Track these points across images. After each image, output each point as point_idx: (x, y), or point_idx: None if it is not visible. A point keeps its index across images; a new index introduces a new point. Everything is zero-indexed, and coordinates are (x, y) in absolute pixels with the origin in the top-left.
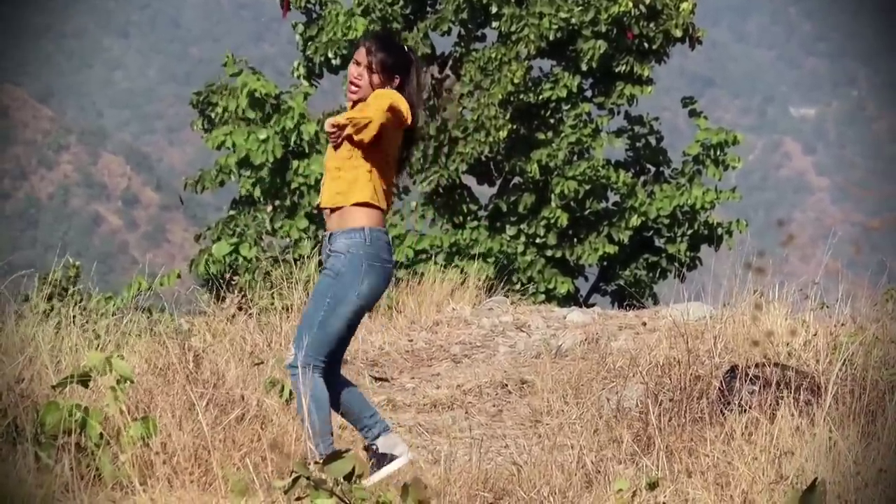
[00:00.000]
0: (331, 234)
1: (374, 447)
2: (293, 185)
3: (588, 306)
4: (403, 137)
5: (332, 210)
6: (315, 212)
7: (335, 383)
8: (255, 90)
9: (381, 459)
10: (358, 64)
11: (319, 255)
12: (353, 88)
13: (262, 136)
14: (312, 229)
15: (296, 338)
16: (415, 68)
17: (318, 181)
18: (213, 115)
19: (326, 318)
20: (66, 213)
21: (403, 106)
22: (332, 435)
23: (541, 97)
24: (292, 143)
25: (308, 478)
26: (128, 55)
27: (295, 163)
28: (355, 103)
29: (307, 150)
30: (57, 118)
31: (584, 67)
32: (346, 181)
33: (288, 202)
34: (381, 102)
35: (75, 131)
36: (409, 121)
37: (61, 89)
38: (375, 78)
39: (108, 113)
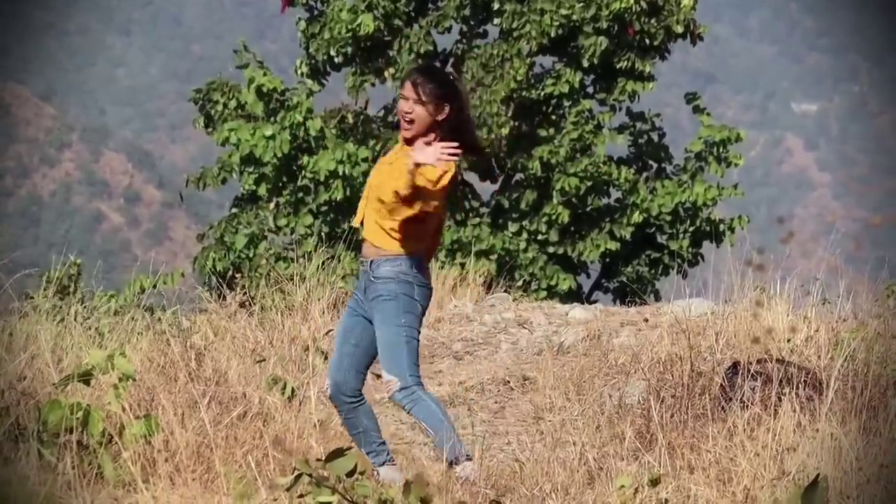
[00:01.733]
0: (371, 262)
1: (375, 472)
2: (300, 182)
3: (590, 303)
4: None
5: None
6: (324, 208)
7: (361, 398)
8: (263, 85)
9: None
10: (406, 99)
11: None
12: (406, 126)
13: (269, 133)
14: (317, 225)
15: (386, 368)
16: (463, 96)
17: (327, 178)
18: (213, 112)
19: (409, 337)
20: (68, 210)
21: (446, 176)
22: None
23: (543, 94)
24: (301, 138)
25: (310, 475)
26: (130, 53)
27: (305, 158)
28: (409, 141)
29: (314, 146)
30: (59, 116)
31: (585, 64)
32: (392, 229)
33: (292, 199)
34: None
35: (77, 129)
36: (450, 181)
37: (63, 87)
38: (427, 109)
39: (110, 110)
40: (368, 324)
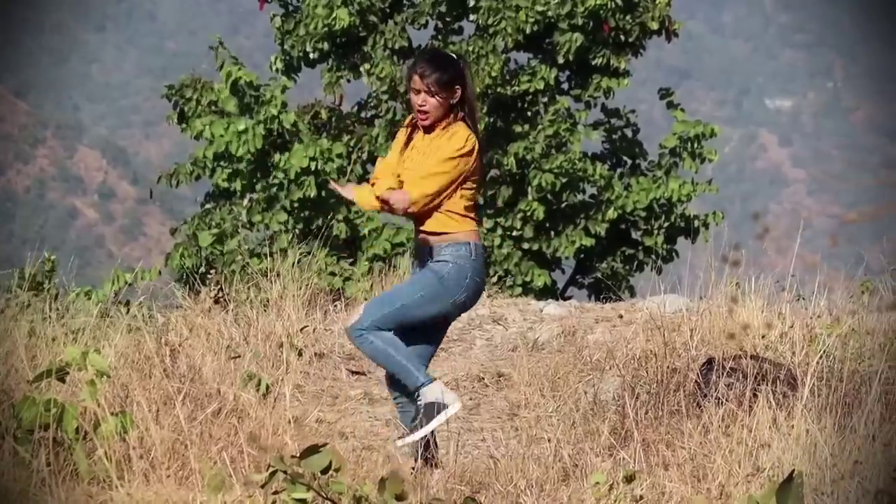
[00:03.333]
0: (432, 248)
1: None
2: (272, 179)
3: (565, 299)
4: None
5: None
6: (297, 205)
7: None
8: (240, 78)
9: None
10: (417, 92)
11: (412, 258)
12: (423, 117)
13: (241, 128)
14: (291, 222)
15: (372, 304)
16: (467, 72)
17: (298, 175)
18: (186, 108)
19: (412, 304)
20: (43, 206)
21: (462, 160)
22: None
23: (518, 90)
24: (275, 132)
25: (285, 472)
26: (104, 49)
27: (276, 156)
28: (427, 129)
29: (288, 140)
30: (33, 112)
31: (560, 60)
32: (443, 215)
33: (266, 195)
34: (424, 187)
35: (51, 125)
36: (475, 154)
37: (38, 83)
38: (437, 98)
39: (85, 107)
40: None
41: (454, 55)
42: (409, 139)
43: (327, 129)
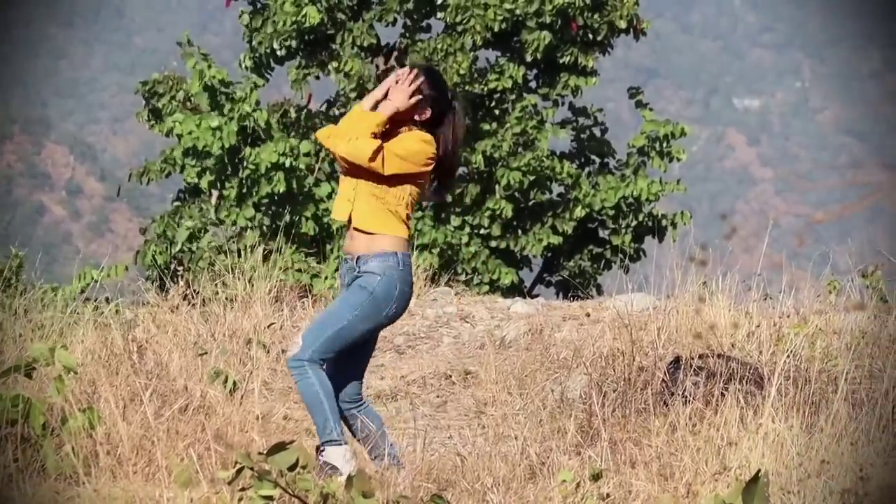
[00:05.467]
0: (358, 257)
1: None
2: (242, 174)
3: (532, 297)
4: (435, 169)
5: (363, 231)
6: (265, 201)
7: (361, 405)
8: (213, 76)
9: None
10: (404, 77)
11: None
12: (391, 84)
13: (214, 124)
14: (258, 218)
15: (309, 331)
16: (455, 116)
17: (268, 170)
18: (159, 104)
19: (348, 326)
20: (10, 203)
21: (420, 151)
22: (340, 423)
23: (486, 88)
24: (249, 129)
25: (252, 469)
26: (72, 45)
27: (247, 150)
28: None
29: (262, 137)
30: (0, 108)
31: (528, 58)
32: (382, 210)
33: (236, 191)
34: (401, 148)
35: (19, 121)
36: (428, 165)
37: (4, 79)
38: (412, 99)
39: (52, 102)
40: None
41: (453, 94)
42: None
43: (296, 127)
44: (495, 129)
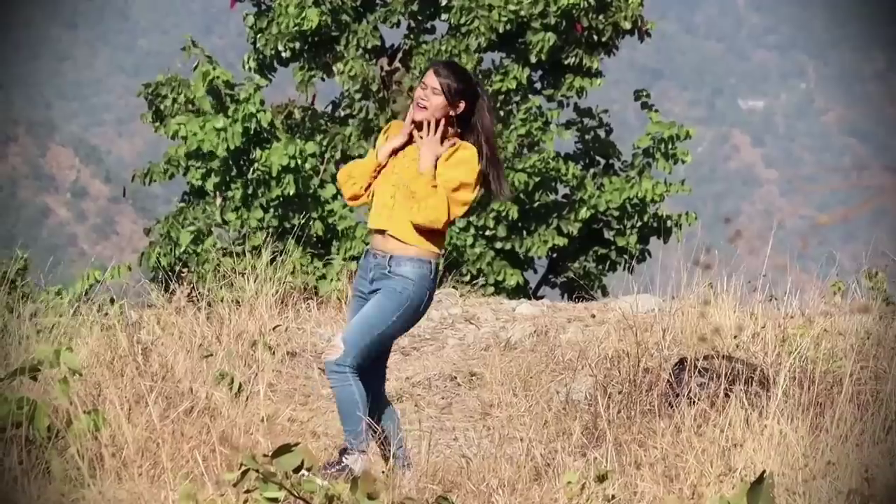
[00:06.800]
0: (391, 256)
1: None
2: (251, 176)
3: (537, 298)
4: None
5: (399, 239)
6: (274, 203)
7: (382, 403)
8: (217, 77)
9: None
10: (424, 87)
11: (357, 272)
12: (420, 110)
13: (219, 125)
14: (267, 219)
15: (350, 335)
16: (483, 100)
17: (279, 173)
18: (162, 106)
19: (388, 331)
20: (15, 205)
21: (473, 177)
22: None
23: (490, 89)
24: (252, 130)
25: (257, 471)
26: (76, 47)
27: (258, 152)
28: (419, 125)
29: (267, 138)
30: (4, 110)
31: (533, 60)
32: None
33: (242, 193)
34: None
35: (23, 123)
36: (479, 180)
37: (8, 81)
38: (441, 100)
39: (57, 104)
40: None
41: (476, 81)
42: (402, 147)
43: (300, 128)
44: (500, 130)
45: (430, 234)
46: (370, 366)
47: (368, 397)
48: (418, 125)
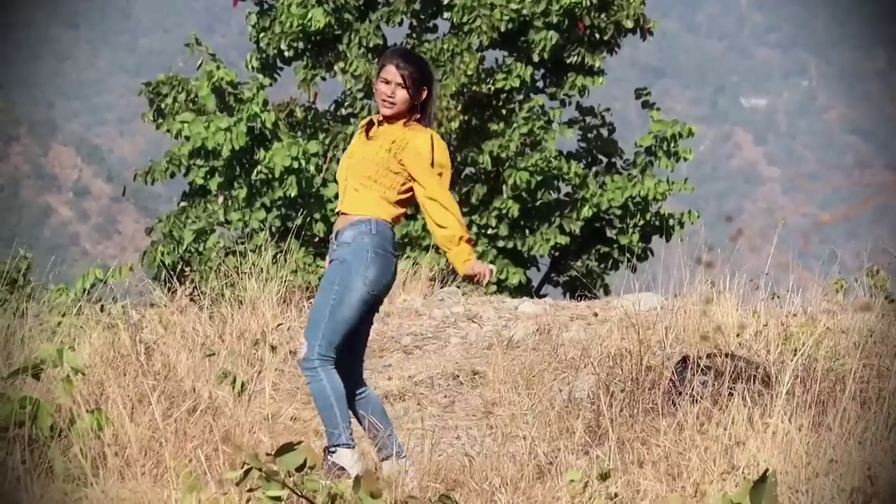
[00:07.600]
0: (338, 232)
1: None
2: (255, 176)
3: (540, 297)
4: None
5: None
6: (277, 203)
7: (360, 391)
8: (222, 78)
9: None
10: (387, 82)
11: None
12: (388, 105)
13: (224, 125)
14: (269, 219)
15: (307, 329)
16: (435, 82)
17: (282, 174)
18: (163, 105)
19: (336, 306)
20: (17, 204)
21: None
22: (350, 425)
23: (493, 88)
24: (257, 130)
25: (260, 470)
26: (77, 46)
27: (262, 153)
28: (388, 118)
29: (269, 138)
30: (6, 110)
31: (535, 58)
32: (374, 200)
33: (245, 193)
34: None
35: (25, 123)
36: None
37: (10, 80)
38: (406, 93)
39: (58, 104)
40: None
41: (426, 62)
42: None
43: (302, 127)
44: (502, 129)
45: (384, 204)
46: (346, 348)
47: (348, 387)
48: (388, 119)
